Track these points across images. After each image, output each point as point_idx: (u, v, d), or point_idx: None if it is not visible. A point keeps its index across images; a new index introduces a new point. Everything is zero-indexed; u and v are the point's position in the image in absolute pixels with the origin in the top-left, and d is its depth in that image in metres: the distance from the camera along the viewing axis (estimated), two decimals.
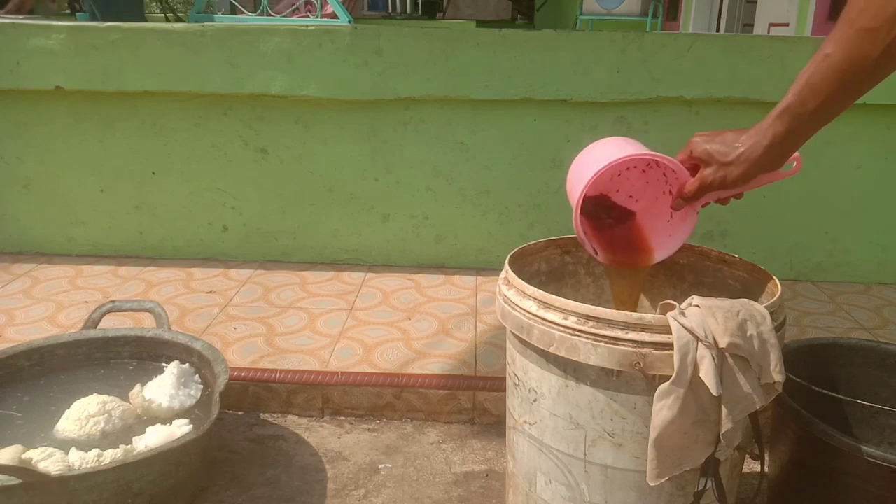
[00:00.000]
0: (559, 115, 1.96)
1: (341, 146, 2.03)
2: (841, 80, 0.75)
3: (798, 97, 0.78)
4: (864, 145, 1.92)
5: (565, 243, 1.16)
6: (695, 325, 0.80)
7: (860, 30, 0.72)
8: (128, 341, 1.40)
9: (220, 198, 2.09)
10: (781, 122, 0.80)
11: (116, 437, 1.18)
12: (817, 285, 2.04)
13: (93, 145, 2.05)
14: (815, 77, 0.77)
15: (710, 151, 0.87)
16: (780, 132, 0.81)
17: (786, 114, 0.80)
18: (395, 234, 2.11)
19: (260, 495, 1.24)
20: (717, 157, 0.86)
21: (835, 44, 0.75)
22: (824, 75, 0.76)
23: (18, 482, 0.93)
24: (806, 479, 1.08)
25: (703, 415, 0.81)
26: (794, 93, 0.79)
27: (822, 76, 0.76)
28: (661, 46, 1.86)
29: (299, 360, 1.53)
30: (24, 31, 1.91)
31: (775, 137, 0.81)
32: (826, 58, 0.76)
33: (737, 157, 0.84)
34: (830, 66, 0.75)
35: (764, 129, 0.82)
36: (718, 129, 0.89)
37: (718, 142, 0.86)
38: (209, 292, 1.90)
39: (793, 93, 0.79)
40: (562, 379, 0.90)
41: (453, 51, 1.88)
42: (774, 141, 0.81)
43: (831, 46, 0.75)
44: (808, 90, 0.78)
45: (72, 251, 2.15)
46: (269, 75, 1.91)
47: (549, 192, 2.03)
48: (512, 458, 1.05)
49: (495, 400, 1.46)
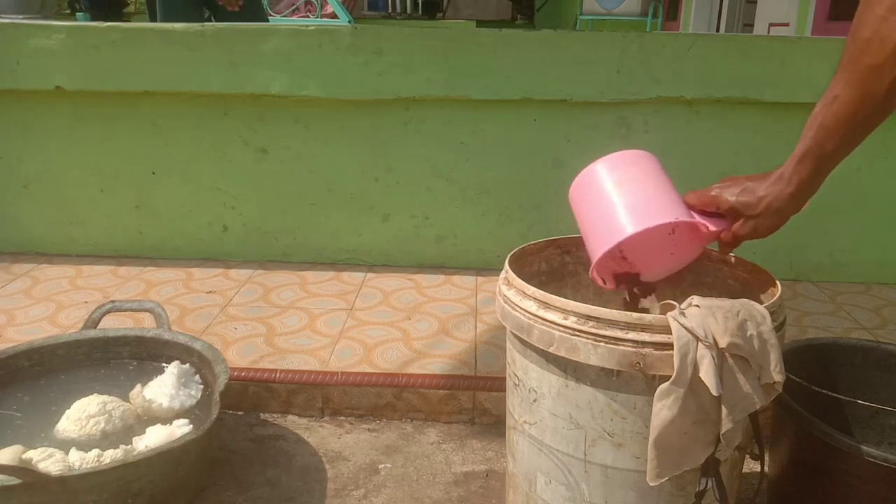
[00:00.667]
0: (559, 115, 1.96)
1: (341, 146, 2.03)
2: (853, 119, 0.77)
3: (815, 141, 0.80)
4: (864, 145, 1.91)
5: (565, 243, 1.16)
6: (695, 324, 0.80)
7: (865, 68, 0.73)
8: (128, 341, 1.40)
9: (220, 198, 2.09)
10: (802, 168, 0.81)
11: (117, 438, 1.18)
12: (817, 285, 2.04)
13: (93, 145, 2.05)
14: (827, 119, 0.78)
15: (736, 206, 0.86)
16: (804, 178, 0.82)
17: (805, 159, 0.81)
18: (395, 234, 2.11)
19: (260, 495, 1.24)
20: (745, 211, 0.86)
21: (842, 85, 0.76)
22: (836, 117, 0.77)
23: (18, 482, 0.93)
24: (806, 479, 1.08)
25: (703, 415, 0.81)
26: (810, 137, 0.80)
27: (833, 118, 0.78)
28: (661, 46, 1.86)
29: (299, 360, 1.53)
30: (24, 31, 1.91)
31: (801, 184, 0.82)
32: (835, 100, 0.77)
33: (765, 209, 0.84)
34: (840, 108, 0.77)
35: (787, 176, 0.82)
36: (733, 177, 0.89)
37: (743, 193, 0.86)
38: (209, 292, 1.90)
39: (809, 137, 0.80)
40: (562, 379, 0.90)
41: (453, 51, 1.88)
42: (800, 187, 0.82)
43: (839, 88, 0.76)
44: (822, 133, 0.79)
45: (72, 251, 2.15)
46: (270, 75, 1.91)
47: (549, 192, 2.03)
48: (512, 458, 1.05)
49: (495, 400, 1.46)
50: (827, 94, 0.78)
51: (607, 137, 1.96)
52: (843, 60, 0.76)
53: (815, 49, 1.85)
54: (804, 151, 0.80)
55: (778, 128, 1.93)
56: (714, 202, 0.89)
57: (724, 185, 0.89)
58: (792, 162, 0.82)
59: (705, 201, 0.90)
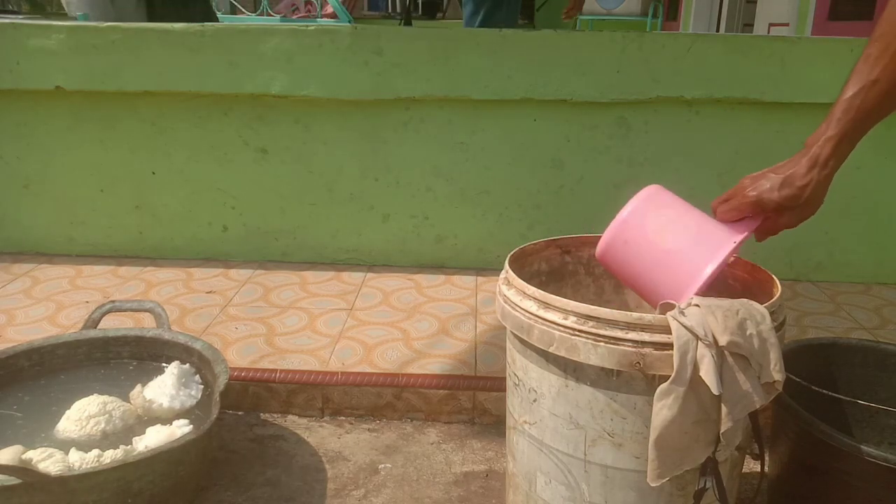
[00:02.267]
0: (559, 115, 1.96)
1: (341, 146, 2.03)
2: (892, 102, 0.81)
3: (854, 123, 0.82)
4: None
5: (565, 243, 1.16)
6: (694, 323, 0.80)
7: None
8: (128, 341, 1.40)
9: (220, 198, 2.09)
10: (840, 149, 0.83)
11: (117, 438, 1.18)
12: (817, 285, 2.04)
13: (93, 145, 2.05)
14: (867, 103, 0.81)
15: (783, 203, 0.86)
16: (841, 159, 0.84)
17: (843, 141, 0.83)
18: (395, 234, 2.11)
19: (260, 495, 1.24)
20: (790, 204, 0.86)
21: (880, 69, 0.80)
22: (877, 101, 0.81)
23: (18, 482, 0.93)
24: (806, 479, 1.08)
25: (703, 414, 0.81)
26: (849, 120, 0.82)
27: (874, 102, 0.81)
28: (661, 46, 1.86)
29: (299, 360, 1.53)
30: (24, 31, 1.91)
31: (837, 165, 0.84)
32: (874, 84, 0.80)
33: (809, 197, 0.85)
34: (880, 92, 0.80)
35: (823, 160, 0.84)
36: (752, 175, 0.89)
37: (784, 187, 0.86)
38: (209, 292, 1.90)
39: (846, 120, 0.82)
40: (562, 379, 0.90)
41: (453, 51, 1.88)
42: (835, 168, 0.85)
43: (877, 72, 0.80)
44: (862, 115, 0.82)
45: (72, 251, 2.15)
46: (269, 75, 1.91)
47: (549, 192, 2.03)
48: (512, 458, 1.05)
49: (495, 400, 1.46)
50: (863, 79, 0.80)
51: (607, 137, 1.96)
52: (879, 45, 0.79)
53: (815, 49, 1.85)
54: (842, 134, 0.82)
55: (778, 128, 1.93)
56: (758, 206, 0.88)
57: (755, 185, 0.88)
58: (828, 144, 0.83)
59: (745, 209, 0.89)
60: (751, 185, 0.88)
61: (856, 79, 0.81)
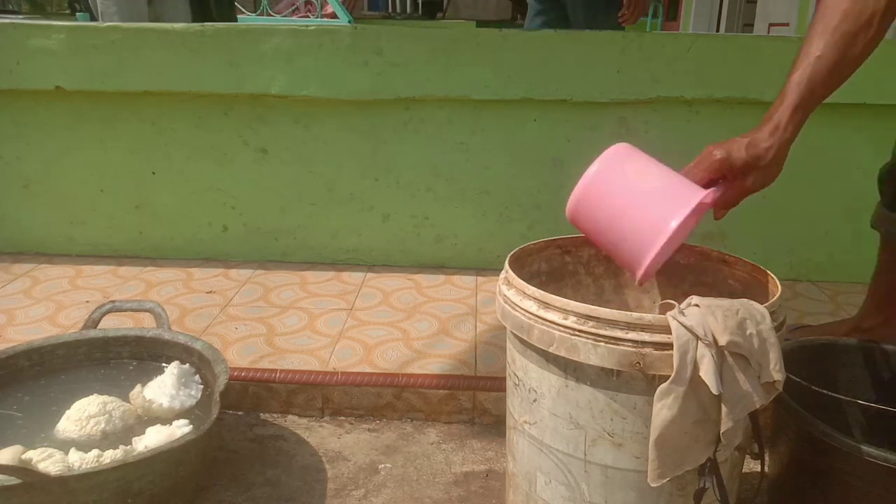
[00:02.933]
0: (559, 115, 1.96)
1: (341, 146, 2.03)
2: (836, 75, 0.92)
3: (807, 92, 0.91)
4: (864, 145, 1.92)
5: (565, 243, 1.16)
6: (694, 323, 0.80)
7: (843, 34, 0.90)
8: (128, 341, 1.40)
9: (220, 198, 2.09)
10: (796, 115, 0.92)
11: (117, 438, 1.18)
12: (817, 285, 2.04)
13: (93, 145, 2.05)
14: (815, 75, 0.91)
15: (750, 161, 0.91)
16: (797, 124, 0.92)
17: (798, 108, 0.92)
18: (395, 234, 2.11)
19: (260, 495, 1.24)
20: (757, 163, 0.92)
21: (823, 46, 0.91)
22: (823, 73, 0.91)
23: (18, 482, 0.93)
24: (806, 479, 1.08)
25: (703, 414, 0.81)
26: (802, 90, 0.91)
27: (821, 74, 0.91)
28: (661, 46, 1.86)
29: (299, 360, 1.53)
30: (24, 31, 1.91)
31: (795, 130, 0.92)
32: (819, 59, 0.91)
33: (773, 158, 0.91)
34: (825, 65, 0.91)
35: (783, 125, 0.91)
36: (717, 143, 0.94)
37: (750, 147, 0.92)
38: (209, 292, 1.90)
39: (799, 90, 0.92)
40: (562, 379, 0.90)
41: (453, 51, 1.88)
42: (794, 133, 0.92)
43: (821, 48, 0.91)
44: (812, 85, 0.91)
45: (72, 251, 2.15)
46: (269, 75, 1.91)
47: (549, 192, 2.03)
48: (512, 458, 1.05)
49: (495, 400, 1.45)
50: (809, 53, 0.92)
51: (607, 137, 1.96)
52: (820, 25, 0.91)
53: None
54: (797, 102, 0.91)
55: None
56: (725, 165, 0.93)
57: (722, 148, 0.93)
58: (786, 111, 0.91)
59: (714, 167, 0.94)
60: (717, 149, 0.94)
61: (804, 55, 0.92)
